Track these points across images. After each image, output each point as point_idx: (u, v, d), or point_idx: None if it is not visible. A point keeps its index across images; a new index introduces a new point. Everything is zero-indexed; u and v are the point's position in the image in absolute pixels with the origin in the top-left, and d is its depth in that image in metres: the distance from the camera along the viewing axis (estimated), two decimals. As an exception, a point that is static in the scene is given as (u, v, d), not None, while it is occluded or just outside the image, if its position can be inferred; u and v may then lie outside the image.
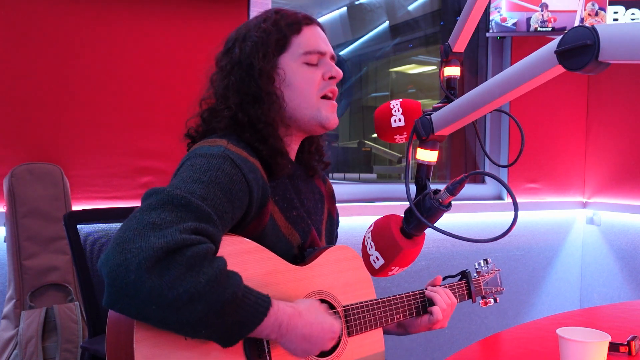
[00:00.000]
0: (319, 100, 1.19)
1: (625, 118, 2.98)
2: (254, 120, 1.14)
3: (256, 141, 1.13)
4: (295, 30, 1.18)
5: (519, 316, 3.03)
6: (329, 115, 1.20)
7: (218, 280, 0.86)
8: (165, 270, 0.82)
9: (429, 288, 1.32)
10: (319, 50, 1.19)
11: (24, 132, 1.95)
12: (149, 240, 0.83)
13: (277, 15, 1.19)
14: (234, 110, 1.14)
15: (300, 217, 1.20)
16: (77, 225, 1.63)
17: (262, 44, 1.16)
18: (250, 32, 1.18)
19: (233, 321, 0.90)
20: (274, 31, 1.16)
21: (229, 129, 1.15)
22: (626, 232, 2.93)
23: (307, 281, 1.13)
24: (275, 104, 1.15)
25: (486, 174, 0.91)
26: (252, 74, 1.15)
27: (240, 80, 1.16)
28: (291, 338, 0.99)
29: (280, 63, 1.17)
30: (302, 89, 1.17)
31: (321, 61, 1.20)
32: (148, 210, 0.88)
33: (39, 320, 1.79)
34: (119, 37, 2.07)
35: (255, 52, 1.15)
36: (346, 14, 3.20)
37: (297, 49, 1.17)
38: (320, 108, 1.19)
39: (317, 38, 1.20)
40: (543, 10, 2.66)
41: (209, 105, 1.21)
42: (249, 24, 1.20)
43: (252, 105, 1.15)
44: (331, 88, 1.21)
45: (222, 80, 1.18)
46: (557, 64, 0.75)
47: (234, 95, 1.15)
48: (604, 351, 0.99)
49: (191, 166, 1.00)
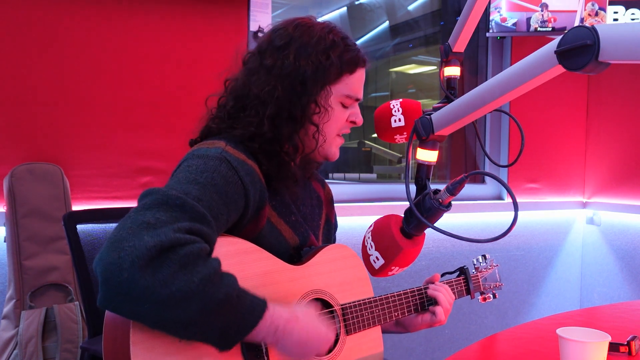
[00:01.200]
0: (334, 138, 1.19)
1: (625, 118, 2.98)
2: (282, 138, 1.11)
3: (262, 154, 1.11)
4: (352, 70, 1.16)
5: (519, 316, 3.02)
6: (336, 151, 1.21)
7: (212, 280, 0.86)
8: (158, 269, 0.82)
9: (430, 286, 1.32)
10: (358, 96, 1.19)
11: (24, 132, 1.95)
12: (142, 239, 0.83)
13: (343, 46, 1.14)
14: (264, 123, 1.10)
15: (298, 223, 1.20)
16: (77, 225, 1.63)
17: (323, 73, 1.12)
18: (312, 49, 1.12)
19: (228, 323, 0.89)
20: (336, 64, 1.13)
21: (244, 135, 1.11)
22: (626, 232, 2.93)
23: (304, 280, 1.13)
24: (312, 135, 1.14)
25: (486, 174, 0.91)
26: (301, 96, 1.11)
27: (286, 95, 1.11)
28: (287, 342, 0.98)
29: (327, 95, 1.14)
30: (330, 127, 1.17)
31: (352, 105, 1.20)
32: (143, 210, 0.88)
33: (39, 320, 1.79)
34: (119, 37, 2.07)
35: (314, 79, 1.11)
36: (346, 14, 3.20)
37: (343, 88, 1.16)
38: (332, 144, 1.19)
39: (361, 83, 1.19)
40: (543, 10, 2.66)
41: (236, 92, 1.15)
42: (312, 35, 1.13)
43: (287, 124, 1.11)
44: (347, 131, 1.22)
45: (265, 82, 1.12)
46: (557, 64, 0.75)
47: (273, 105, 1.10)
48: (604, 351, 0.99)
49: (188, 167, 1.00)
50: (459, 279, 1.42)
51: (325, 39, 1.13)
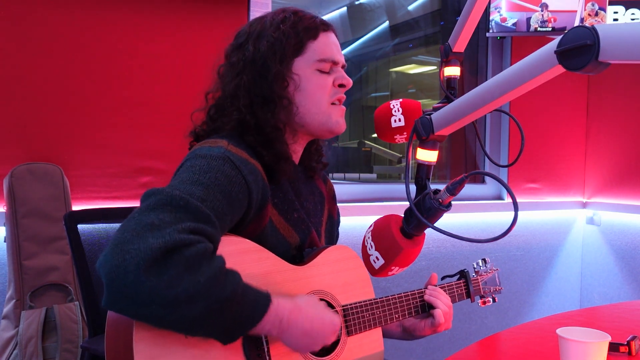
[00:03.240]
0: (329, 107, 1.19)
1: (625, 118, 2.98)
2: (262, 123, 1.13)
3: (259, 145, 1.12)
4: (313, 35, 1.17)
5: (519, 316, 3.02)
6: (338, 120, 1.20)
7: (217, 279, 0.87)
8: (163, 270, 0.82)
9: (426, 291, 1.31)
10: (334, 59, 1.19)
11: (24, 132, 1.95)
12: (147, 241, 0.83)
13: (295, 17, 1.17)
14: (243, 112, 1.13)
15: (301, 219, 1.20)
16: (77, 225, 1.63)
17: (280, 46, 1.14)
18: (266, 31, 1.15)
19: (233, 318, 0.90)
20: (292, 34, 1.14)
21: (234, 131, 1.13)
22: (626, 232, 2.93)
23: (306, 281, 1.13)
24: (287, 108, 1.15)
25: (486, 174, 0.91)
26: (266, 75, 1.13)
27: (252, 81, 1.14)
28: (292, 333, 0.98)
29: (294, 67, 1.16)
30: (314, 95, 1.16)
31: (333, 69, 1.20)
32: (147, 211, 0.88)
33: (39, 320, 1.79)
34: (119, 36, 2.07)
35: (272, 54, 1.13)
36: (346, 14, 3.20)
37: (312, 55, 1.16)
38: (331, 114, 1.19)
39: (333, 46, 1.19)
40: (543, 10, 2.66)
41: (215, 100, 1.19)
42: (265, 22, 1.18)
43: (262, 108, 1.13)
44: (340, 95, 1.21)
45: (232, 78, 1.16)
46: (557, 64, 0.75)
47: (244, 95, 1.14)
48: (604, 351, 0.99)
49: (191, 167, 1.00)
50: (459, 282, 1.42)
51: (277, 18, 1.17)
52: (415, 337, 1.33)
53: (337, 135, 1.28)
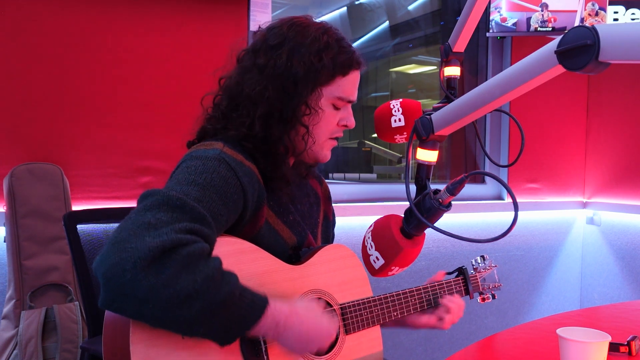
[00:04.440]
0: (326, 141, 1.18)
1: (625, 118, 2.98)
2: (272, 139, 1.11)
3: (258, 153, 1.11)
4: (345, 72, 1.14)
5: (519, 316, 3.02)
6: (327, 154, 1.20)
7: (214, 279, 0.87)
8: (161, 269, 0.82)
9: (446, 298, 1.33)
10: (351, 99, 1.18)
11: (24, 132, 1.95)
12: (144, 240, 0.83)
13: (337, 48, 1.13)
14: (256, 122, 1.10)
15: (296, 222, 1.20)
16: (77, 225, 1.63)
17: (314, 75, 1.11)
18: (304, 48, 1.11)
19: (230, 320, 0.90)
20: (329, 66, 1.11)
21: (238, 136, 1.11)
22: (626, 232, 2.93)
23: (303, 280, 1.13)
24: (302, 136, 1.13)
25: (486, 174, 0.91)
26: (292, 97, 1.10)
27: (276, 96, 1.10)
28: (288, 336, 0.99)
29: (318, 97, 1.13)
30: (320, 128, 1.15)
31: (344, 107, 1.19)
32: (143, 211, 0.88)
33: (39, 320, 1.79)
34: (119, 36, 2.07)
35: (305, 80, 1.10)
36: (346, 14, 3.20)
37: (335, 90, 1.14)
38: (324, 147, 1.19)
39: (355, 86, 1.18)
40: (543, 10, 2.66)
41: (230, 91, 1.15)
42: (306, 34, 1.12)
43: (277, 125, 1.11)
44: (340, 134, 1.21)
45: (256, 82, 1.11)
46: (557, 64, 0.75)
47: (263, 105, 1.10)
48: (604, 351, 0.99)
49: (187, 168, 1.00)
50: (457, 279, 1.42)
51: (319, 40, 1.12)
52: (409, 328, 1.34)
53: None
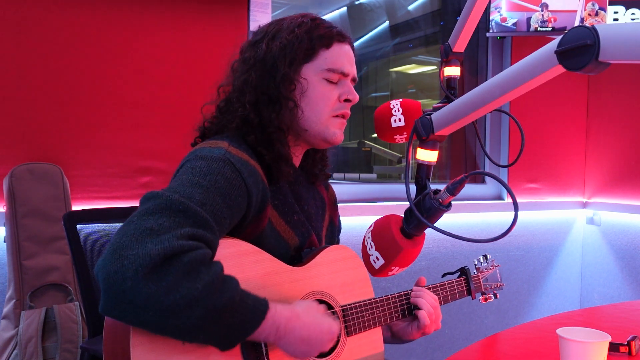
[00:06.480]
0: (329, 118, 1.18)
1: (625, 118, 2.98)
2: (265, 122, 1.13)
3: (260, 145, 1.12)
4: (326, 44, 1.17)
5: (519, 316, 3.02)
6: (336, 132, 1.19)
7: (215, 286, 0.86)
8: (162, 277, 0.82)
9: (412, 293, 1.27)
10: (343, 70, 1.18)
11: (24, 132, 1.95)
12: (145, 247, 0.82)
13: (312, 24, 1.17)
14: (248, 110, 1.13)
15: (301, 222, 1.19)
16: (77, 225, 1.63)
17: (291, 49, 1.14)
18: (281, 33, 1.16)
19: (231, 325, 0.89)
20: (305, 39, 1.15)
21: (237, 130, 1.14)
22: (626, 232, 2.93)
23: (305, 282, 1.13)
24: (292, 111, 1.15)
25: (486, 174, 0.91)
26: (274, 75, 1.14)
27: (260, 78, 1.15)
28: (289, 340, 0.98)
29: (303, 72, 1.16)
30: (317, 104, 1.17)
31: (341, 81, 1.19)
32: (146, 215, 0.88)
33: (39, 320, 1.79)
34: (119, 37, 2.07)
35: (283, 56, 1.14)
36: (346, 14, 3.20)
37: (322, 63, 1.16)
38: (329, 125, 1.18)
39: (344, 57, 1.19)
40: (543, 10, 2.66)
41: (226, 94, 1.20)
42: (283, 23, 1.19)
43: (267, 107, 1.14)
44: (345, 111, 1.20)
45: (242, 73, 1.17)
46: (557, 64, 0.75)
47: (251, 92, 1.15)
48: (604, 351, 0.99)
49: (191, 169, 0.99)
50: (459, 279, 1.42)
51: (294, 22, 1.18)
52: (405, 341, 1.29)
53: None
